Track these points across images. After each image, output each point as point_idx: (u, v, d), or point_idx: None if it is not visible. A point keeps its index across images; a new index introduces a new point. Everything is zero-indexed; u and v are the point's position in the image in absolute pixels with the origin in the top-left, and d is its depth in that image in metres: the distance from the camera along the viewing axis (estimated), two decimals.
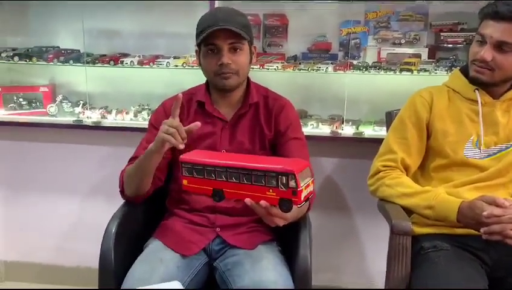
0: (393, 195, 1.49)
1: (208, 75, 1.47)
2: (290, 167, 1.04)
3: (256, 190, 1.08)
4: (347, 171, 2.08)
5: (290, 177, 1.03)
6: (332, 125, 1.99)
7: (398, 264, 1.32)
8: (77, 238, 2.30)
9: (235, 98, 1.50)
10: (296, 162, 1.10)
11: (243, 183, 1.09)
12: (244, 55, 1.43)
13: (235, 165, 1.10)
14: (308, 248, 1.36)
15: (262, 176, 1.06)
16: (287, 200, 1.05)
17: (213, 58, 1.41)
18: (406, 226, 1.33)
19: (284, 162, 1.10)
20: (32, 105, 2.23)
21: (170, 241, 1.43)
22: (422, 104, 1.55)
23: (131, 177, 1.42)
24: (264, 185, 1.06)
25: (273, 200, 1.07)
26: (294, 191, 1.04)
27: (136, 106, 2.15)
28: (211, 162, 1.12)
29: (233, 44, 1.40)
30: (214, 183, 1.12)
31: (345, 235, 2.16)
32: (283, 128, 1.49)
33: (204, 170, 1.13)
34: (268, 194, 1.07)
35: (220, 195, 1.13)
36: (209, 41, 1.39)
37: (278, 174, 1.05)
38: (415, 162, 1.56)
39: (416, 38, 2.03)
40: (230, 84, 1.43)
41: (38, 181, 2.30)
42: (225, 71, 1.40)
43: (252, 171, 1.07)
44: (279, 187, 1.05)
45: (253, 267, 1.32)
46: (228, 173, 1.10)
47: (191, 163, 1.15)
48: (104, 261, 1.36)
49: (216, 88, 1.48)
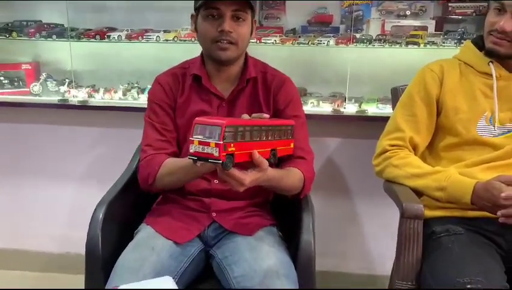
0: (401, 176, 1.41)
1: (205, 43, 1.36)
2: None
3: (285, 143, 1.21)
4: (350, 152, 2.01)
5: None
6: (333, 103, 1.91)
7: (409, 250, 1.23)
8: (66, 224, 2.23)
9: (232, 73, 1.41)
10: None
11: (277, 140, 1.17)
12: (246, 26, 1.34)
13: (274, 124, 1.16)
14: (311, 232, 1.27)
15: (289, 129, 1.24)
16: None
17: (213, 23, 1.30)
18: (417, 209, 1.23)
19: None
20: (14, 84, 2.12)
21: (162, 227, 1.34)
22: (432, 78, 1.46)
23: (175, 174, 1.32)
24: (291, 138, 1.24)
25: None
26: None
27: (125, 84, 2.06)
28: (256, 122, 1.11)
29: (237, 12, 1.30)
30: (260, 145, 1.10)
31: (348, 219, 2.09)
32: (282, 106, 1.40)
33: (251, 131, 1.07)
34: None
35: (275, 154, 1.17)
36: (211, 4, 1.29)
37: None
38: (424, 141, 1.48)
39: (423, 9, 1.94)
40: (227, 55, 1.33)
41: (22, 165, 2.21)
42: (224, 39, 1.30)
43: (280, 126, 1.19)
44: None
45: (253, 254, 1.24)
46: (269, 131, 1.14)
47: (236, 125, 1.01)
48: (90, 249, 1.27)
49: (212, 59, 1.38)
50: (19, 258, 2.27)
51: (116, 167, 1.49)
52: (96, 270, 1.26)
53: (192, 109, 1.40)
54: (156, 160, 1.35)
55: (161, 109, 1.41)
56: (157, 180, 1.34)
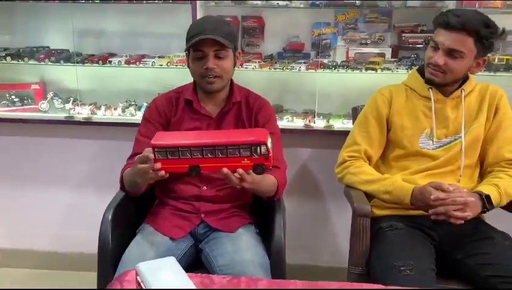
0: (357, 182, 1.69)
1: (195, 77, 1.63)
2: (261, 138, 1.25)
3: (232, 161, 1.28)
4: (319, 161, 2.26)
5: (262, 147, 1.25)
6: (305, 119, 2.16)
7: (359, 241, 1.53)
8: (69, 226, 2.44)
9: (220, 98, 1.66)
10: (260, 132, 1.31)
11: (219, 157, 1.27)
12: (228, 61, 1.59)
13: (211, 144, 1.27)
14: (282, 228, 1.55)
15: (237, 148, 1.26)
16: (260, 165, 1.28)
17: (200, 62, 1.57)
18: (365, 209, 1.53)
19: (252, 134, 1.30)
20: (24, 102, 2.34)
21: (160, 226, 1.60)
22: (382, 101, 1.74)
23: (129, 183, 1.57)
24: (239, 155, 1.27)
25: (248, 167, 1.29)
26: (266, 156, 1.26)
27: (124, 102, 2.28)
28: (186, 143, 1.27)
29: (218, 51, 1.55)
30: (189, 161, 1.28)
31: (318, 219, 2.34)
32: (261, 124, 1.65)
33: (179, 151, 1.28)
34: (243, 162, 1.28)
35: (197, 170, 1.29)
36: (197, 47, 1.55)
37: (251, 145, 1.26)
38: (376, 153, 1.76)
39: (381, 38, 2.22)
40: (214, 88, 1.59)
41: (32, 174, 2.42)
42: (210, 74, 1.56)
43: (227, 146, 1.27)
44: (253, 156, 1.26)
45: (234, 247, 1.50)
46: (204, 150, 1.27)
47: (164, 147, 1.28)
48: (102, 245, 1.53)
49: (202, 89, 1.64)
50: (27, 257, 2.47)
51: (116, 176, 1.65)
52: (107, 263, 1.52)
53: (186, 126, 1.64)
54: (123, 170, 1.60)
55: (151, 125, 1.65)
56: (125, 186, 1.60)
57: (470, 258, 1.49)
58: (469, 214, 1.46)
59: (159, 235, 1.57)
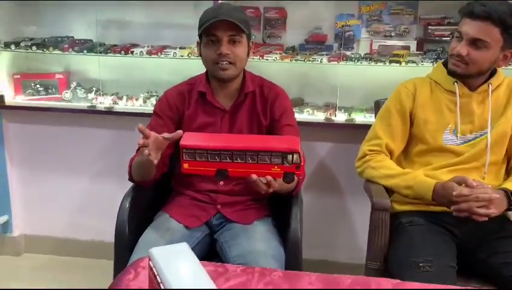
0: (377, 176, 1.65)
1: (207, 65, 1.58)
2: (295, 147, 1.22)
3: (262, 168, 1.24)
4: (339, 155, 2.23)
5: (295, 156, 1.22)
6: (326, 112, 2.13)
7: (378, 236, 1.50)
8: (91, 215, 2.47)
9: (233, 89, 1.62)
10: (293, 140, 1.27)
11: (248, 163, 1.24)
12: (242, 47, 1.55)
13: (242, 148, 1.23)
14: (298, 221, 1.53)
15: (268, 155, 1.23)
16: (291, 173, 1.24)
17: (213, 48, 1.53)
18: (384, 203, 1.50)
19: (284, 141, 1.27)
20: (48, 91, 2.37)
21: (177, 214, 1.60)
22: (406, 94, 1.69)
23: (136, 170, 1.56)
24: (270, 163, 1.23)
25: (277, 174, 1.25)
26: (298, 165, 1.23)
27: (145, 93, 2.29)
28: (216, 146, 1.24)
29: (233, 36, 1.51)
30: (217, 165, 1.25)
31: (336, 214, 2.31)
32: (277, 116, 1.61)
33: (208, 153, 1.25)
34: (273, 170, 1.24)
35: (224, 174, 1.26)
36: (210, 32, 1.51)
37: (284, 154, 1.22)
38: (398, 147, 1.72)
39: (406, 31, 2.16)
40: (227, 75, 1.55)
41: (54, 161, 2.46)
42: (223, 60, 1.52)
43: (258, 152, 1.23)
44: (284, 164, 1.23)
45: (248, 239, 1.49)
46: (233, 155, 1.24)
47: (194, 148, 1.24)
48: (119, 232, 1.54)
49: (215, 78, 1.60)
50: (48, 244, 2.53)
51: None
52: (124, 249, 1.53)
53: (199, 121, 1.61)
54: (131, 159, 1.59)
55: (161, 119, 1.61)
56: (133, 176, 1.58)
57: (493, 257, 1.44)
58: (493, 211, 1.42)
59: (174, 222, 1.58)
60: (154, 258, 0.92)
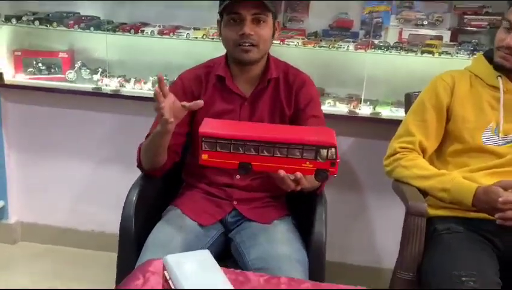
0: (409, 176, 1.51)
1: (228, 46, 1.44)
2: (331, 140, 1.06)
3: (291, 163, 1.08)
4: (362, 151, 2.09)
5: (330, 150, 1.06)
6: (349, 104, 1.99)
7: (412, 244, 1.35)
8: (92, 204, 2.35)
9: (254, 73, 1.48)
10: (327, 132, 1.11)
11: (276, 157, 1.08)
12: (267, 28, 1.41)
13: (270, 140, 1.08)
14: (323, 224, 1.39)
15: (300, 149, 1.07)
16: (324, 170, 1.08)
17: (235, 27, 1.39)
18: (421, 207, 1.35)
19: (318, 134, 1.11)
20: (51, 70, 2.23)
21: (189, 209, 1.46)
22: (443, 87, 1.55)
23: (146, 153, 1.43)
24: (301, 157, 1.07)
25: (309, 171, 1.09)
26: (333, 162, 1.07)
27: (154, 76, 2.15)
28: (241, 135, 1.09)
29: (257, 15, 1.37)
30: (240, 157, 1.09)
31: (356, 214, 2.19)
32: (303, 105, 1.48)
33: (231, 144, 1.09)
34: (304, 166, 1.08)
35: (247, 168, 1.10)
36: (233, 10, 1.37)
37: (318, 147, 1.06)
38: (432, 145, 1.58)
39: (439, 20, 2.00)
40: (250, 57, 1.41)
41: (55, 145, 2.33)
42: (246, 42, 1.38)
43: (288, 144, 1.07)
44: (317, 159, 1.07)
45: (268, 240, 1.36)
46: (260, 147, 1.08)
47: (215, 137, 1.11)
48: (124, 228, 1.40)
49: (235, 61, 1.46)
50: (46, 233, 2.40)
51: None
52: (129, 247, 1.39)
53: (216, 108, 1.47)
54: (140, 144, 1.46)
55: None
56: (142, 161, 1.45)
57: None
58: None
59: (187, 219, 1.44)
60: (170, 268, 0.78)
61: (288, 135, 1.10)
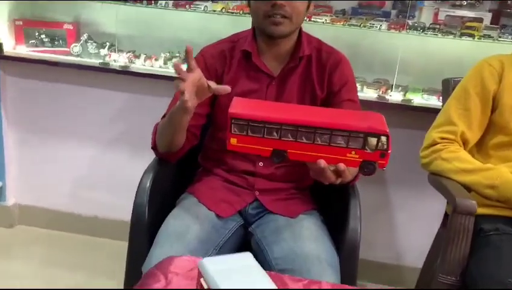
0: (450, 170, 1.37)
1: (257, 18, 1.29)
2: (381, 127, 0.91)
3: (334, 152, 0.94)
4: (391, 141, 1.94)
5: (381, 139, 0.91)
6: (378, 89, 1.84)
7: (457, 245, 1.21)
8: (96, 188, 2.21)
9: (284, 50, 1.34)
10: (376, 118, 0.96)
11: (316, 144, 0.94)
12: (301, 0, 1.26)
13: (311, 124, 0.93)
14: (358, 220, 1.25)
15: (346, 136, 0.92)
16: (372, 162, 0.93)
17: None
18: (470, 205, 1.21)
19: (367, 119, 0.96)
20: (54, 43, 2.07)
21: (206, 198, 1.33)
22: (490, 73, 1.41)
23: (163, 133, 1.28)
24: (346, 146, 0.93)
25: (354, 162, 0.95)
26: (383, 153, 0.92)
27: (166, 53, 2.00)
28: (276, 118, 0.94)
29: None
30: (275, 143, 0.95)
31: (379, 208, 2.05)
32: (337, 88, 1.34)
33: (265, 127, 0.95)
34: (349, 156, 0.94)
35: (282, 156, 0.96)
36: None
37: (366, 135, 0.91)
38: (474, 137, 1.44)
39: (479, 1, 1.85)
40: (280, 31, 1.26)
41: (58, 124, 2.18)
42: (277, 13, 1.23)
43: (332, 130, 0.92)
44: (365, 149, 0.92)
45: (293, 236, 1.22)
46: (298, 132, 0.94)
47: (246, 119, 0.96)
48: (137, 216, 1.26)
49: (263, 35, 1.32)
50: (45, 216, 2.27)
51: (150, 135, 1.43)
52: (141, 236, 1.26)
53: (240, 88, 1.33)
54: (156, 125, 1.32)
55: None
56: (157, 143, 1.31)
57: None
58: None
59: (203, 208, 1.30)
60: (209, 275, 0.64)
61: (332, 120, 0.95)
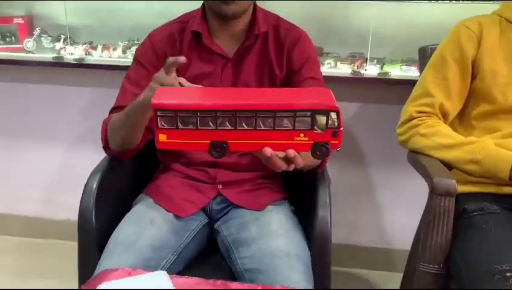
0: (429, 146, 1.26)
1: None
2: (330, 102, 0.79)
3: (280, 136, 0.81)
4: (369, 117, 1.83)
5: (331, 115, 0.79)
6: (353, 64, 1.71)
7: (438, 230, 1.10)
8: (64, 190, 2.09)
9: (239, 29, 1.22)
10: (322, 93, 0.84)
11: (260, 130, 0.81)
12: None
13: (249, 107, 0.80)
14: (328, 208, 1.14)
15: (291, 117, 0.80)
16: (324, 144, 0.82)
17: None
18: (450, 184, 1.09)
19: (312, 95, 0.84)
20: (6, 40, 1.94)
21: (163, 198, 1.21)
22: (468, 37, 1.28)
23: (118, 131, 1.16)
24: (293, 128, 0.81)
25: (304, 146, 0.82)
26: (335, 132, 0.81)
27: (125, 41, 1.87)
28: (209, 105, 0.81)
29: None
30: (212, 134, 0.82)
31: (361, 189, 1.94)
32: (297, 66, 1.23)
33: (197, 117, 0.81)
34: (297, 139, 0.81)
35: (223, 148, 0.83)
36: None
37: (314, 113, 0.79)
38: (455, 108, 1.32)
39: None
40: (233, 10, 1.15)
41: (16, 126, 2.06)
42: None
43: (275, 112, 0.79)
44: (314, 129, 0.80)
45: (261, 232, 1.12)
46: (237, 118, 0.80)
47: (175, 109, 0.81)
48: (83, 223, 1.14)
49: (214, 15, 1.20)
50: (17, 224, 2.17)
51: None
52: (90, 246, 1.14)
53: (193, 71, 1.22)
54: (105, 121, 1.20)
55: (144, 69, 1.22)
56: (109, 142, 1.19)
57: None
58: None
59: (160, 210, 1.18)
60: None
61: (273, 100, 0.82)
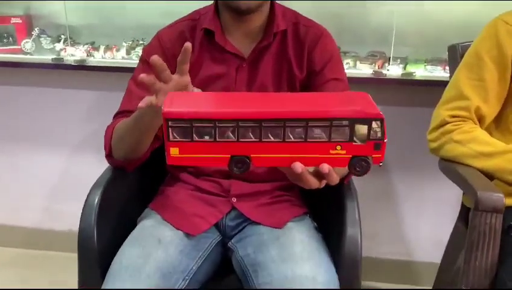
0: (466, 154, 1.14)
1: None
2: (371, 109, 0.67)
3: (313, 150, 0.69)
4: (392, 121, 1.69)
5: (373, 125, 0.67)
6: (374, 64, 1.60)
7: (483, 250, 0.97)
8: (65, 199, 2.00)
9: (254, 26, 1.12)
10: (363, 98, 0.71)
11: (288, 142, 0.69)
12: None
13: (278, 115, 0.68)
14: (358, 226, 1.02)
15: (326, 126, 0.67)
16: (364, 158, 0.69)
17: None
18: (496, 199, 0.96)
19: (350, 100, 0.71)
20: (3, 41, 1.84)
21: (171, 215, 1.10)
22: (507, 33, 1.16)
23: (123, 138, 1.05)
24: (328, 140, 0.68)
25: (341, 160, 0.70)
26: (378, 144, 0.68)
27: (129, 42, 1.77)
28: (230, 112, 0.68)
29: None
30: (232, 148, 0.69)
31: (382, 198, 1.83)
32: (319, 66, 1.12)
33: (216, 127, 0.68)
34: (333, 153, 0.69)
35: (245, 164, 0.70)
36: None
37: (353, 122, 0.67)
38: (492, 112, 1.20)
39: None
40: (247, 4, 1.05)
41: (14, 132, 1.97)
42: None
43: (307, 121, 0.67)
44: (353, 141, 0.68)
45: (283, 255, 0.99)
46: (262, 128, 0.68)
47: (190, 118, 0.68)
48: (84, 242, 1.03)
49: (228, 10, 1.10)
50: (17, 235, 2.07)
51: None
52: (92, 267, 1.03)
53: (204, 72, 1.12)
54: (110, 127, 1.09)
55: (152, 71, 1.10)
56: (113, 150, 1.08)
57: None
58: None
59: (168, 228, 1.07)
60: None
61: (305, 107, 0.69)
